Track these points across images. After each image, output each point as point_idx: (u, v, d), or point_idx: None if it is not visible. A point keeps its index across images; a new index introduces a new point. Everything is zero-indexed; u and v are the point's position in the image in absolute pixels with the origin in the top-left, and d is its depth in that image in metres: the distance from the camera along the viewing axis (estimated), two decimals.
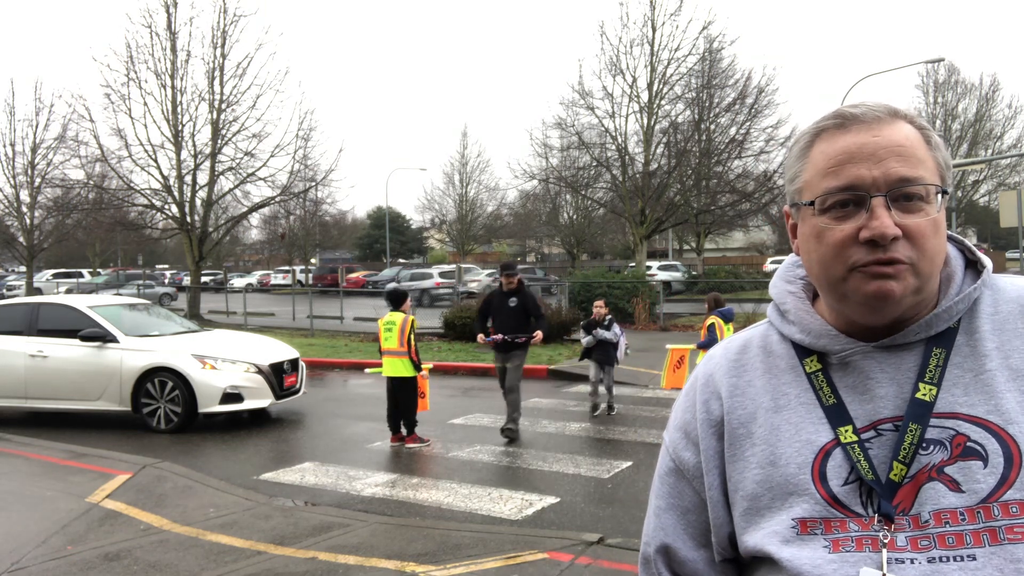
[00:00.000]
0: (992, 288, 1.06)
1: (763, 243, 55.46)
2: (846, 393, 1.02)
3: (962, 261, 1.07)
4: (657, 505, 1.17)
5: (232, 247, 62.76)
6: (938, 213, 0.99)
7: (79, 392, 9.34)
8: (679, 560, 1.13)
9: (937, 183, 1.00)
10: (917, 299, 0.99)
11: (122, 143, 25.37)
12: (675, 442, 1.17)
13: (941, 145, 1.03)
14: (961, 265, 1.07)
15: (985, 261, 1.06)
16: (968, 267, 1.07)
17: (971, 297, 1.03)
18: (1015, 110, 43.46)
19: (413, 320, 8.40)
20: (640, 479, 6.76)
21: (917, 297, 0.99)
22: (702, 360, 1.20)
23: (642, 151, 25.63)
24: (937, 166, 1.01)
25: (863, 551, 0.94)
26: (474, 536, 5.25)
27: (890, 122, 1.01)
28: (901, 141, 0.99)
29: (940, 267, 1.02)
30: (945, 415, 0.97)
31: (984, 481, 0.93)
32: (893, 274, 0.96)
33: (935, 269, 1.00)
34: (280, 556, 4.94)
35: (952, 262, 1.06)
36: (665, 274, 32.53)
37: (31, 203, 32.37)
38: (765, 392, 1.08)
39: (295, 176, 26.69)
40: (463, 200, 53.14)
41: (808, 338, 1.07)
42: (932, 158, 1.01)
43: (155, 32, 25.58)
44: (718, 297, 9.19)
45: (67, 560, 4.89)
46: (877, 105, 1.02)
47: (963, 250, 1.09)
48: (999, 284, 1.06)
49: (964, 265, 1.07)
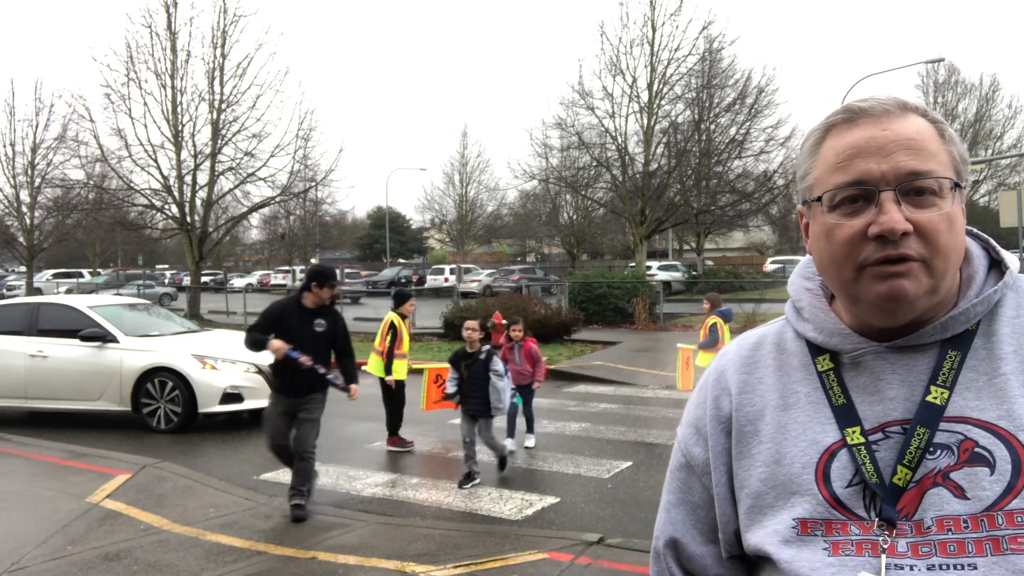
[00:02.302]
0: (1016, 290, 1.01)
1: (763, 243, 55.46)
2: (856, 393, 1.00)
3: (986, 260, 1.04)
4: (668, 500, 1.17)
5: (232, 247, 62.78)
6: (953, 208, 0.96)
7: (79, 392, 9.33)
8: (688, 555, 1.13)
9: (951, 177, 0.97)
10: (932, 300, 0.96)
11: (122, 143, 25.39)
12: (686, 438, 1.16)
13: (956, 139, 1.00)
14: (984, 265, 1.03)
15: (1010, 261, 1.03)
16: (992, 267, 1.04)
17: (991, 299, 0.99)
18: (1015, 110, 43.50)
19: (392, 320, 8.12)
20: (640, 479, 6.76)
21: (932, 298, 0.96)
22: (716, 356, 1.19)
23: (642, 151, 25.65)
24: (951, 159, 0.98)
25: (863, 555, 0.92)
26: (474, 536, 5.25)
27: (900, 115, 0.98)
28: (911, 134, 0.97)
29: (956, 265, 0.98)
30: (955, 419, 0.94)
31: (990, 489, 0.90)
32: (905, 272, 0.93)
33: (950, 267, 0.97)
34: (280, 556, 4.93)
35: (975, 261, 1.03)
36: (665, 274, 32.55)
37: (31, 203, 32.38)
38: (775, 389, 1.07)
39: (295, 176, 26.71)
40: (463, 200, 53.12)
41: (821, 336, 1.05)
42: (946, 151, 0.98)
43: (155, 32, 25.60)
44: (718, 296, 9.21)
45: (67, 560, 4.89)
46: (887, 99, 1.00)
47: (988, 248, 1.06)
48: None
49: (988, 265, 1.04)
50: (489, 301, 19.49)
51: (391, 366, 8.01)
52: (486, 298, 22.68)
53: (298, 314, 5.99)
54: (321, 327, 6.01)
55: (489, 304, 18.02)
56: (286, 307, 6.08)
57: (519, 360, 7.92)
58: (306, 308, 6.03)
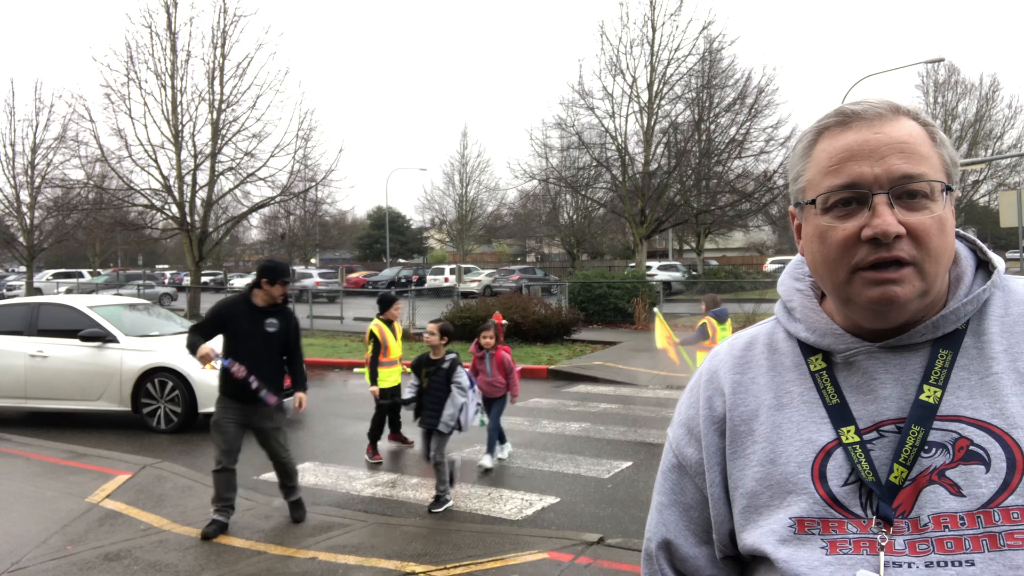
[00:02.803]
0: (1003, 289, 1.03)
1: (763, 243, 55.46)
2: (850, 393, 1.01)
3: (973, 261, 1.05)
4: (660, 501, 1.17)
5: (232, 247, 62.75)
6: (944, 211, 0.97)
7: (79, 392, 9.34)
8: (680, 556, 1.13)
9: (942, 180, 0.98)
10: (924, 303, 0.98)
11: (122, 143, 25.33)
12: (678, 438, 1.16)
13: (947, 142, 1.02)
14: (972, 265, 1.04)
15: (997, 261, 1.04)
16: (979, 267, 1.05)
17: (980, 299, 1.01)
18: (1015, 110, 43.49)
19: (372, 330, 7.74)
20: (640, 479, 6.76)
21: (924, 301, 0.97)
22: (707, 356, 1.20)
23: (642, 151, 25.68)
24: (943, 163, 0.99)
25: (860, 553, 0.93)
26: (474, 536, 5.25)
27: (893, 119, 0.99)
28: (904, 138, 0.98)
29: (947, 267, 0.99)
30: (948, 418, 0.95)
31: (986, 486, 0.91)
32: (897, 279, 0.95)
33: (940, 269, 0.98)
34: (280, 556, 4.94)
35: (962, 262, 1.04)
36: (665, 274, 32.57)
37: (31, 203, 32.36)
38: (768, 389, 1.07)
39: (295, 176, 26.65)
40: (463, 200, 53.11)
41: (813, 336, 1.06)
42: (937, 155, 0.99)
43: (155, 32, 25.54)
44: (715, 298, 9.11)
45: (67, 560, 4.89)
46: (880, 102, 1.01)
47: (975, 249, 1.07)
48: (1011, 285, 1.04)
49: (975, 265, 1.05)
50: (489, 301, 19.48)
51: (375, 376, 7.66)
52: (486, 298, 22.67)
53: (248, 314, 5.51)
54: (273, 327, 5.54)
55: (489, 304, 18.02)
56: (234, 306, 5.56)
57: (490, 371, 7.18)
58: (256, 307, 5.54)
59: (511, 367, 7.21)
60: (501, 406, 7.29)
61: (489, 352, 7.22)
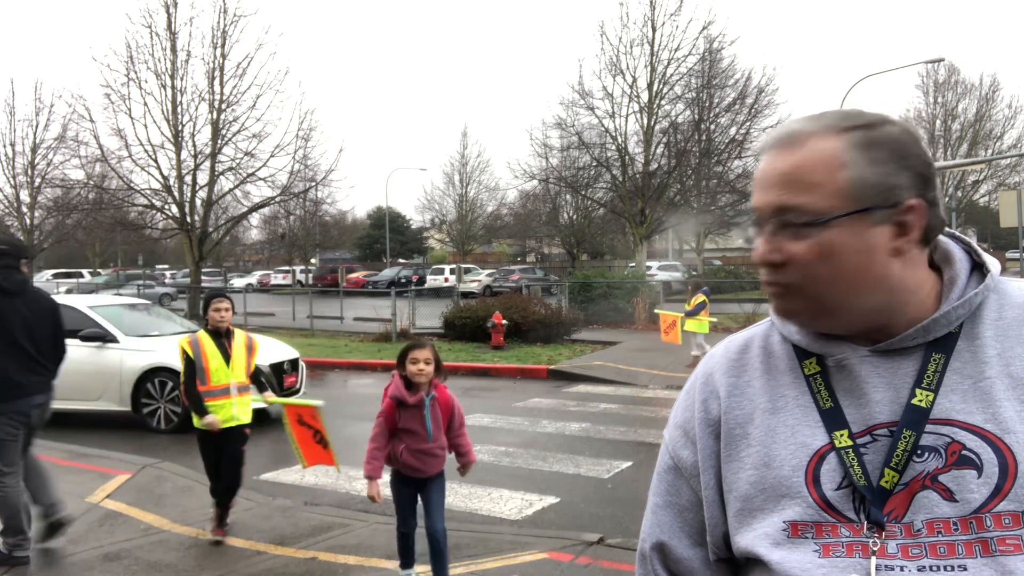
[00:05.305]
0: (998, 292, 1.02)
1: None
2: (843, 397, 1.01)
3: (968, 264, 1.05)
4: (655, 502, 1.17)
5: (232, 247, 62.76)
6: (834, 236, 0.95)
7: (79, 392, 9.32)
8: (674, 558, 1.13)
9: (829, 207, 0.96)
10: (851, 316, 1.00)
11: (122, 143, 25.33)
12: (674, 440, 1.17)
13: (886, 159, 0.97)
14: (967, 268, 1.04)
15: (991, 264, 1.04)
16: (975, 270, 1.05)
17: (973, 302, 1.00)
18: (1015, 110, 43.51)
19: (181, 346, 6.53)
20: (640, 479, 6.76)
21: (843, 316, 1.00)
22: (703, 359, 1.20)
23: (642, 151, 25.67)
24: (849, 185, 0.96)
25: (853, 557, 0.93)
26: (474, 536, 5.26)
27: (803, 142, 0.99)
28: (791, 168, 0.99)
29: (855, 288, 0.97)
30: (941, 422, 0.95)
31: (978, 491, 0.91)
32: (776, 295, 1.02)
33: (839, 290, 0.97)
34: (280, 556, 4.94)
35: (956, 264, 1.04)
36: (665, 274, 32.56)
37: (31, 203, 32.37)
38: (763, 393, 1.07)
39: (295, 176, 26.64)
40: (463, 200, 53.13)
41: (806, 340, 1.06)
42: (847, 176, 0.96)
43: (155, 32, 25.53)
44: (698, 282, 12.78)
45: (67, 560, 4.90)
46: (797, 123, 1.03)
47: (969, 252, 1.06)
48: (1005, 288, 1.03)
49: (970, 268, 1.04)
50: (489, 301, 19.48)
51: (199, 409, 5.19)
52: (486, 298, 22.68)
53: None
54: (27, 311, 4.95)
55: (489, 304, 18.02)
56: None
57: (429, 426, 4.17)
58: None
59: (461, 418, 4.37)
60: (441, 491, 4.33)
61: (428, 394, 4.19)
